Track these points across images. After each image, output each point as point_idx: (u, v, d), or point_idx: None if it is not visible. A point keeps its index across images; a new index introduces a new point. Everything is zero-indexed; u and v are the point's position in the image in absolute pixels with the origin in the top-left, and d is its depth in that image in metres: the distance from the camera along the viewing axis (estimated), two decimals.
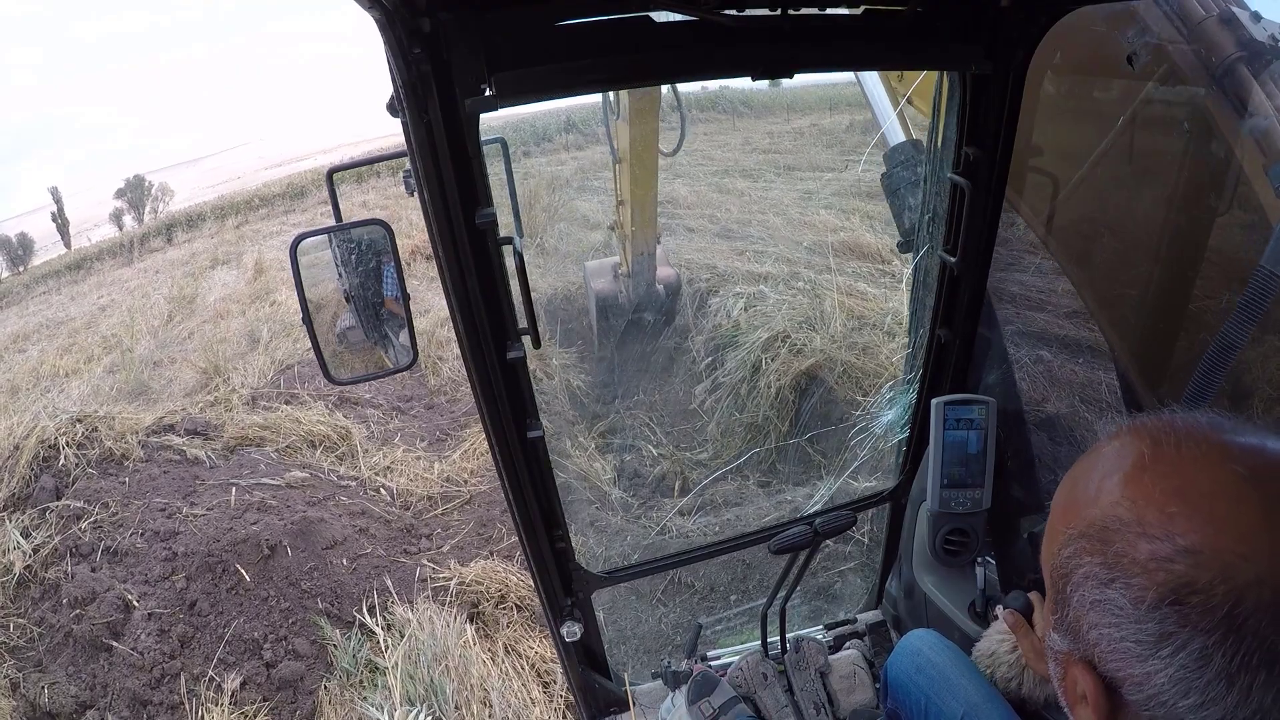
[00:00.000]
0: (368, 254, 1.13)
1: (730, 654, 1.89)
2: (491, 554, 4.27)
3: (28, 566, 4.25)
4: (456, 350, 6.67)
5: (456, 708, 3.21)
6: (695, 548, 1.81)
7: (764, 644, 1.79)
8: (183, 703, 3.62)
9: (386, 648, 3.60)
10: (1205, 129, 1.28)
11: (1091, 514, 0.59)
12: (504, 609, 3.83)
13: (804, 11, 1.01)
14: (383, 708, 3.25)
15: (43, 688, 3.70)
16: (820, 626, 2.03)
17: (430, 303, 7.60)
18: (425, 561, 4.28)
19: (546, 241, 9.05)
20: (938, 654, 1.38)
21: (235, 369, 7.46)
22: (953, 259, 1.44)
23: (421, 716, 3.14)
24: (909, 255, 1.71)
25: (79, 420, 5.17)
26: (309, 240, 1.09)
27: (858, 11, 1.04)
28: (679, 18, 0.99)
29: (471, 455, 5.44)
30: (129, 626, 3.93)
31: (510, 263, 1.11)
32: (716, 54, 1.05)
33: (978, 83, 1.26)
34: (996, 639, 1.35)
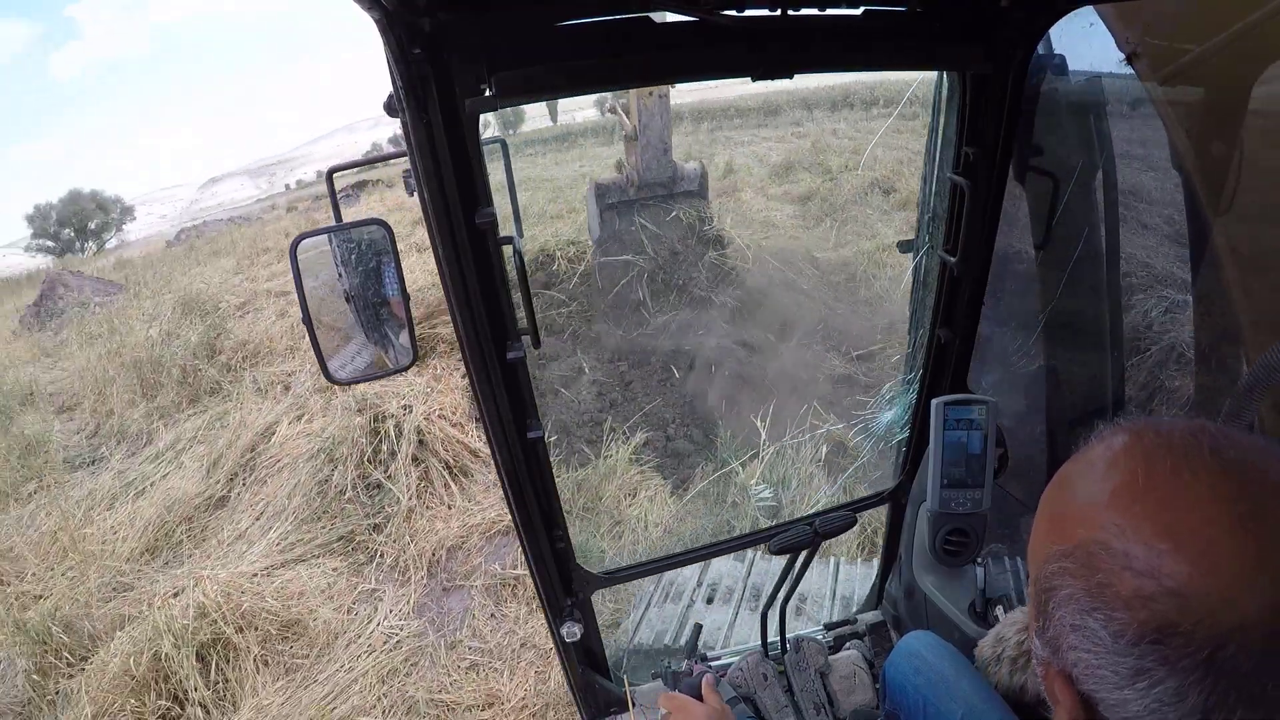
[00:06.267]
0: (368, 254, 1.13)
1: (730, 654, 1.89)
2: None
3: None
4: None
5: (791, 502, 4.33)
6: (695, 548, 1.81)
7: (764, 644, 1.79)
8: (598, 440, 4.94)
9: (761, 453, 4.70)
10: None
11: (1078, 534, 0.58)
12: None
13: (804, 12, 1.01)
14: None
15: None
16: (820, 626, 2.03)
17: None
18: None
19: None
20: (936, 656, 1.38)
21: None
22: (953, 259, 1.44)
23: (766, 492, 4.35)
24: (909, 255, 1.71)
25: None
26: (309, 240, 1.10)
27: (857, 12, 1.04)
28: (679, 18, 1.00)
29: None
30: (576, 384, 5.65)
31: (510, 263, 1.11)
32: (716, 54, 1.05)
33: (978, 83, 1.26)
34: (993, 648, 1.35)
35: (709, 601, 3.31)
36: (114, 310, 10.54)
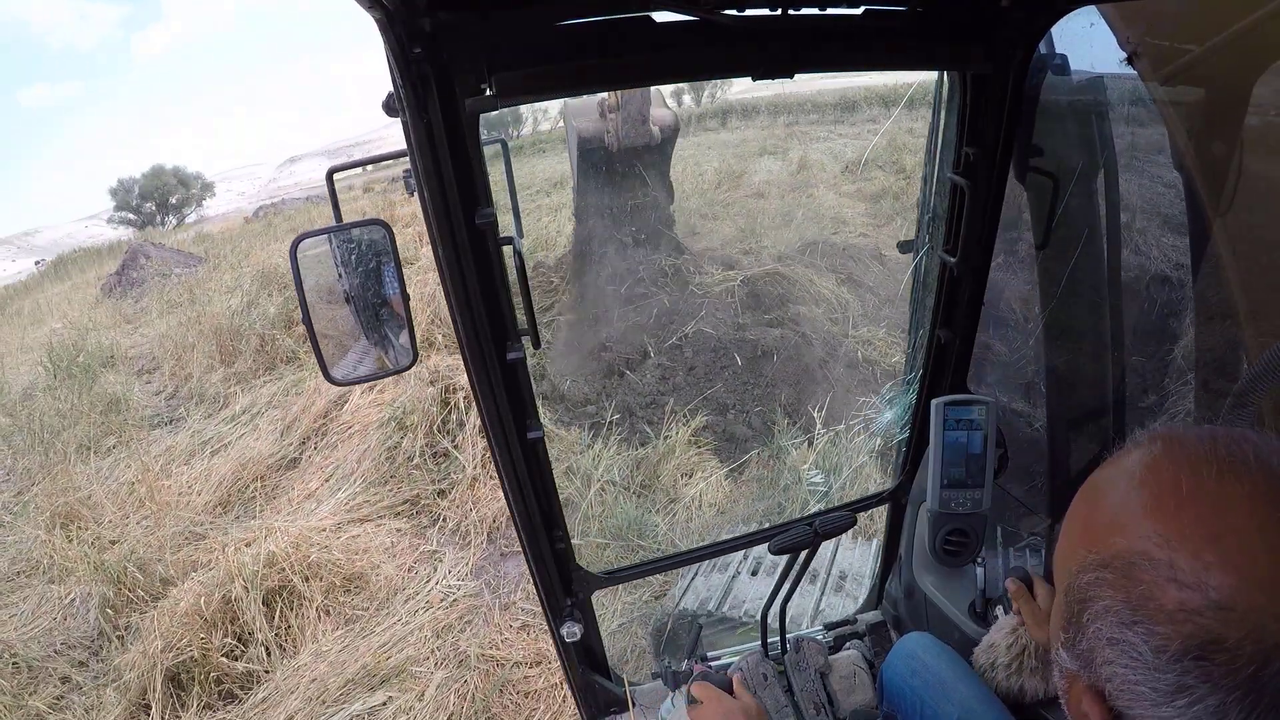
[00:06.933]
0: (368, 254, 1.13)
1: (730, 654, 1.89)
2: None
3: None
4: None
5: (842, 487, 4.33)
6: (695, 548, 1.81)
7: (764, 644, 1.79)
8: (659, 422, 5.01)
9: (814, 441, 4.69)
10: None
11: (1118, 543, 0.55)
12: None
13: (804, 11, 1.01)
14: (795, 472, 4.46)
15: (566, 382, 5.68)
16: (820, 627, 2.03)
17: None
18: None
19: None
20: (933, 657, 1.38)
21: (768, 235, 8.89)
22: (953, 259, 1.44)
23: (818, 478, 4.36)
24: (909, 255, 1.71)
25: None
26: (308, 240, 1.10)
27: (857, 11, 1.04)
28: (679, 18, 0.99)
29: None
30: (641, 367, 5.76)
31: (510, 263, 1.11)
32: (717, 54, 1.05)
33: (978, 83, 1.25)
34: (986, 655, 1.35)
35: (753, 574, 3.39)
36: (194, 281, 10.86)
